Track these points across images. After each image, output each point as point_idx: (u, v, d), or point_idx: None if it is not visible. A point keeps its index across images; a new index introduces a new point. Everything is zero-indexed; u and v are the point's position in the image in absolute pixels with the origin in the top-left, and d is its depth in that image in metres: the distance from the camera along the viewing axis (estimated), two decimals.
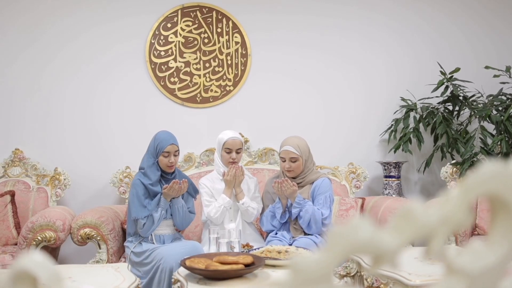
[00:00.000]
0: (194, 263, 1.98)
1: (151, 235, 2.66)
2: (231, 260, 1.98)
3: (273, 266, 2.11)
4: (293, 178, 2.71)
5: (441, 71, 3.55)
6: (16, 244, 2.91)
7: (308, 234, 2.64)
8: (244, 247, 2.41)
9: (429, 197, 3.79)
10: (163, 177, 2.70)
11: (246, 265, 1.96)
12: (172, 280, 2.35)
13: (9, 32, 3.45)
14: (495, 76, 3.31)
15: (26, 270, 0.52)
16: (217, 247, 2.32)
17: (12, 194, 3.04)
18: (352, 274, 2.35)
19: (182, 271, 2.07)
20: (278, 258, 2.14)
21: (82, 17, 3.53)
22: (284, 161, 2.71)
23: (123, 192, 3.30)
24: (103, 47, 3.55)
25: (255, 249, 2.33)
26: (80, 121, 3.53)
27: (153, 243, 2.65)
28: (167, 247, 2.56)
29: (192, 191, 2.80)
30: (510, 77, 3.33)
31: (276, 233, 2.69)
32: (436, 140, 3.66)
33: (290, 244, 2.54)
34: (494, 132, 3.39)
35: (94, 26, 3.54)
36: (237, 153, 2.86)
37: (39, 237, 2.64)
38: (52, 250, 2.93)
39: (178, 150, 2.70)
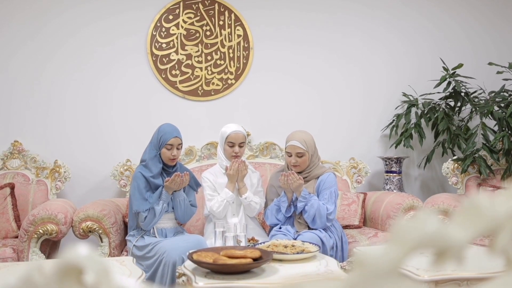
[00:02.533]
0: (202, 257, 1.96)
1: (153, 228, 2.64)
2: (239, 254, 1.96)
3: (280, 260, 2.10)
4: (299, 172, 2.69)
5: (443, 67, 3.55)
6: (16, 237, 2.87)
7: (312, 229, 2.63)
8: (249, 241, 2.40)
9: (429, 193, 3.80)
10: (164, 170, 2.67)
11: (254, 259, 1.95)
12: (177, 274, 2.33)
13: (11, 24, 3.39)
14: (498, 72, 3.31)
15: (73, 263, 0.50)
16: (223, 241, 2.30)
17: (12, 187, 2.99)
18: None
19: (189, 264, 2.05)
20: (285, 252, 2.13)
21: (84, 10, 3.48)
22: (290, 156, 2.69)
23: (123, 185, 3.26)
24: (104, 39, 3.50)
25: (260, 243, 2.32)
26: (80, 113, 3.48)
27: (155, 236, 2.63)
28: (170, 241, 2.54)
29: (194, 184, 2.77)
30: None
31: (280, 228, 2.67)
32: (436, 136, 3.67)
33: (295, 239, 2.53)
34: (495, 128, 3.40)
35: (96, 19, 3.49)
36: (240, 147, 2.84)
37: (40, 230, 2.61)
38: (53, 244, 2.90)
39: (181, 143, 2.67)
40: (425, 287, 1.88)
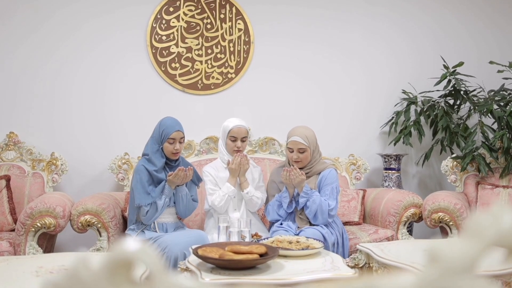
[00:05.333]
0: (207, 252, 1.93)
1: (154, 223, 2.61)
2: (245, 249, 1.94)
3: (285, 256, 2.09)
4: (300, 168, 2.67)
5: (444, 65, 3.55)
6: (11, 231, 2.82)
7: (314, 225, 2.62)
8: (253, 236, 2.38)
9: (426, 190, 3.82)
10: (167, 164, 2.64)
11: (260, 255, 1.93)
12: (179, 269, 2.30)
13: (12, 18, 3.30)
14: (499, 71, 3.32)
15: (126, 258, 0.47)
16: (227, 237, 2.28)
17: (8, 179, 2.94)
18: (360, 266, 2.34)
19: (193, 260, 2.02)
20: (290, 248, 2.11)
21: (85, 2, 3.41)
22: (292, 151, 2.67)
23: (121, 179, 3.22)
24: (104, 32, 3.44)
25: (264, 239, 2.30)
26: (77, 106, 3.42)
27: (156, 231, 2.60)
28: (172, 236, 2.51)
29: (196, 179, 2.74)
30: None
31: (281, 223, 2.65)
32: (435, 133, 3.68)
33: (297, 235, 2.51)
34: (494, 127, 3.42)
35: (96, 11, 3.42)
36: (242, 141, 2.81)
37: (38, 224, 2.56)
38: (50, 237, 2.85)
39: (184, 137, 2.64)
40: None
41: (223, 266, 1.89)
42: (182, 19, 3.50)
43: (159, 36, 3.47)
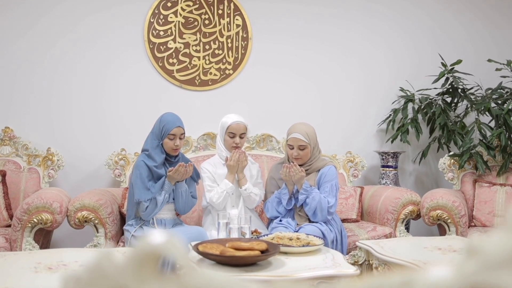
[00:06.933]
0: (208, 249, 1.92)
1: (153, 219, 2.59)
2: (246, 246, 1.93)
3: (285, 253, 2.07)
4: (300, 165, 2.66)
5: (442, 63, 3.56)
6: (7, 226, 2.78)
7: (313, 222, 2.61)
8: (252, 233, 2.36)
9: (423, 188, 3.83)
10: (167, 160, 2.62)
11: (261, 252, 1.92)
12: (177, 265, 2.28)
13: (8, 15, 3.26)
14: (497, 69, 3.32)
15: (153, 251, 0.46)
16: (227, 233, 2.26)
17: (4, 174, 2.90)
18: (360, 263, 2.34)
19: (193, 256, 2.00)
20: (291, 245, 2.10)
21: None
22: (292, 148, 2.66)
23: (118, 175, 3.19)
24: (101, 26, 3.40)
25: (264, 236, 2.29)
26: (74, 101, 3.39)
27: (155, 227, 2.58)
28: (170, 232, 2.49)
29: (195, 176, 2.72)
30: (511, 71, 3.35)
31: (280, 220, 2.65)
32: (432, 131, 3.68)
33: (296, 231, 2.50)
34: (491, 125, 3.43)
35: (94, 6, 3.39)
36: (241, 137, 2.80)
37: (35, 219, 2.52)
38: (46, 233, 2.82)
39: (184, 133, 2.62)
40: None
41: (224, 262, 1.88)
42: (180, 15, 3.47)
43: (157, 31, 3.44)
